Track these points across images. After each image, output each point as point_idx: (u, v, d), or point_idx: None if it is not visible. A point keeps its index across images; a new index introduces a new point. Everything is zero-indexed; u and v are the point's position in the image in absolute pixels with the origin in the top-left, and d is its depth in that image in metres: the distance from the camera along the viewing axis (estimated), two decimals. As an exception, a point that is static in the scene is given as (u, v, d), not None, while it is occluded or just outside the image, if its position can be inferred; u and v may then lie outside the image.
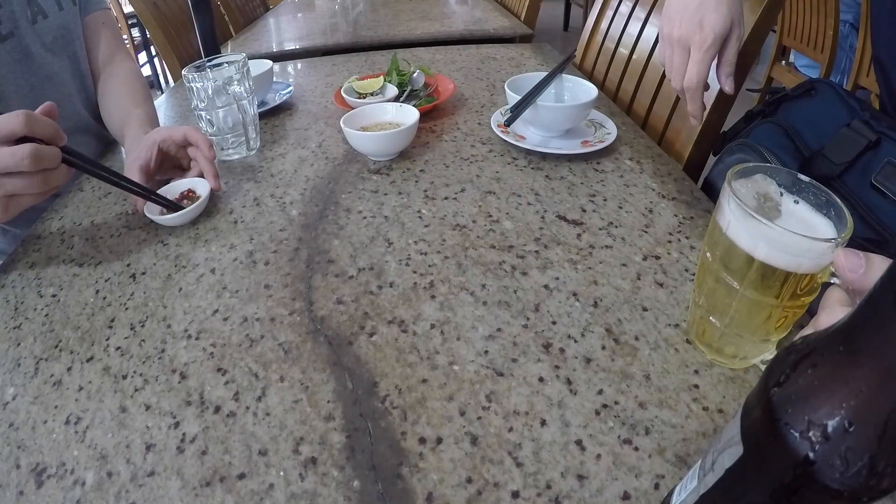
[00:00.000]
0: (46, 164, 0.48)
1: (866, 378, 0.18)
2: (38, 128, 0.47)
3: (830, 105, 0.60)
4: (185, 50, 1.40)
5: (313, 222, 0.61)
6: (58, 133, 0.49)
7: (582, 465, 0.35)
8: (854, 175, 0.53)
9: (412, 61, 1.02)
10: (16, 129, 0.46)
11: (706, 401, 0.38)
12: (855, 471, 0.18)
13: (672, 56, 0.58)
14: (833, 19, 1.91)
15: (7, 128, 0.46)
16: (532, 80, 0.76)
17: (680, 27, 0.56)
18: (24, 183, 0.48)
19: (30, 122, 0.47)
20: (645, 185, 0.64)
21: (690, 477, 0.28)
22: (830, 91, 0.61)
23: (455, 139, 0.77)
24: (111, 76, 0.84)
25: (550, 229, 0.57)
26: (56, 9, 0.77)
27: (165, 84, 3.41)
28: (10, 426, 0.41)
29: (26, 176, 0.48)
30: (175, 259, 0.57)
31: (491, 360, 0.43)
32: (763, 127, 0.65)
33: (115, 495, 0.36)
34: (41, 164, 0.47)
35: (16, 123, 0.46)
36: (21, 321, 0.51)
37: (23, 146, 0.46)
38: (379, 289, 0.51)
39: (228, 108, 0.71)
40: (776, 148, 0.62)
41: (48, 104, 0.51)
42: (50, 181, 0.49)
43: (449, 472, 0.35)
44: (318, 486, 0.35)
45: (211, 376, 0.43)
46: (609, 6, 1.08)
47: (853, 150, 0.53)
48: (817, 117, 0.60)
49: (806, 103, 0.63)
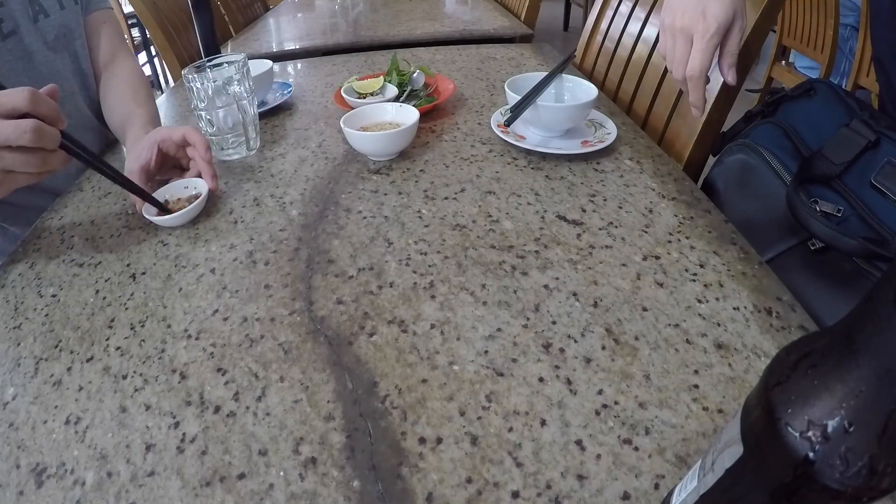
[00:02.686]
0: (46, 143, 0.48)
1: (866, 378, 0.18)
2: (42, 107, 0.48)
3: (830, 105, 0.60)
4: (185, 50, 1.40)
5: (313, 222, 0.61)
6: (60, 115, 0.49)
7: (582, 465, 0.35)
8: (854, 175, 0.53)
9: (412, 61, 1.02)
10: (19, 105, 0.46)
11: (706, 401, 0.39)
12: (855, 471, 0.18)
13: (674, 46, 0.58)
14: (833, 19, 1.91)
15: (11, 102, 0.46)
16: (532, 80, 0.76)
17: (682, 17, 0.56)
18: (22, 159, 0.48)
19: (34, 100, 0.47)
20: (645, 185, 0.64)
21: (690, 477, 0.28)
22: (830, 91, 0.61)
23: (455, 139, 0.77)
24: (113, 75, 0.84)
25: (550, 229, 0.57)
26: (57, 7, 0.77)
27: (165, 84, 3.41)
28: (10, 426, 0.41)
29: (25, 152, 0.47)
30: (175, 259, 0.57)
31: (491, 360, 0.43)
32: (762, 127, 0.65)
33: (115, 495, 0.36)
34: (42, 141, 0.47)
35: (19, 99, 0.46)
36: (21, 321, 0.51)
37: (26, 120, 0.46)
38: (379, 289, 0.51)
39: (228, 108, 0.71)
40: (776, 148, 0.62)
41: (51, 86, 0.51)
42: (47, 162, 0.49)
43: (449, 472, 0.35)
44: (318, 486, 0.35)
45: (211, 376, 0.43)
46: (609, 6, 1.08)
47: (853, 150, 0.53)
48: (817, 117, 0.60)
49: (805, 103, 0.63)
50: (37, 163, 0.48)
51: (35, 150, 0.48)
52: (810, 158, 0.57)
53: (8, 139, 0.46)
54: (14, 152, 0.47)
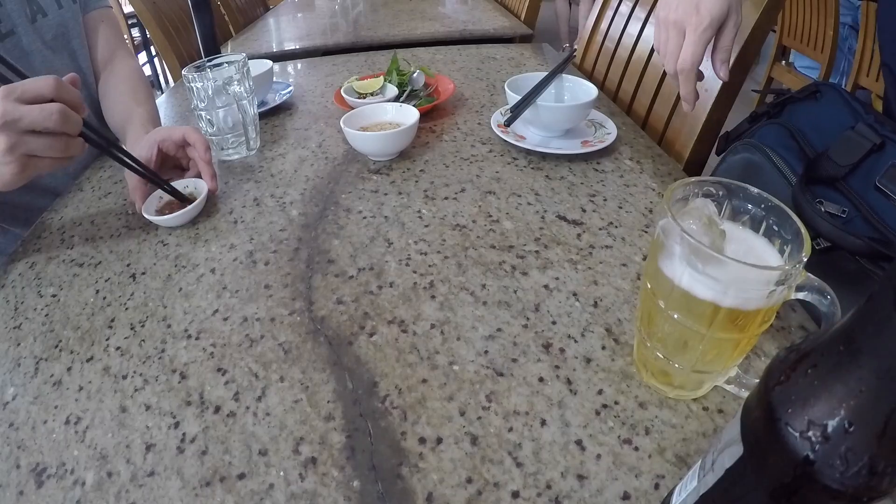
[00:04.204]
0: (70, 128, 0.49)
1: (866, 378, 0.18)
2: (66, 94, 0.49)
3: (835, 108, 0.60)
4: (185, 50, 1.40)
5: (313, 222, 0.61)
6: (81, 103, 0.51)
7: (582, 465, 0.35)
8: (858, 177, 0.53)
9: (412, 61, 1.02)
10: (44, 92, 0.48)
11: (706, 401, 0.38)
12: (855, 471, 0.18)
13: (667, 39, 0.57)
14: (833, 19, 1.91)
15: (36, 89, 0.48)
16: (532, 80, 0.76)
17: (676, 10, 0.55)
18: (46, 143, 0.49)
19: (59, 87, 0.48)
20: (645, 185, 0.64)
21: (690, 477, 0.28)
22: (835, 94, 0.61)
23: (455, 139, 0.77)
24: (112, 74, 0.84)
25: (550, 229, 0.57)
26: (55, 7, 0.77)
27: (165, 84, 3.41)
28: (10, 426, 0.41)
29: (50, 137, 0.49)
30: (175, 259, 0.57)
31: (491, 360, 0.43)
32: (768, 128, 0.65)
33: (115, 495, 0.36)
34: (66, 125, 0.49)
35: (44, 86, 0.48)
36: (21, 321, 0.51)
37: (52, 104, 0.48)
38: (379, 289, 0.51)
39: (228, 108, 0.71)
40: (781, 148, 0.62)
41: (72, 75, 0.52)
42: (69, 147, 0.50)
43: (449, 472, 0.35)
44: (318, 486, 0.35)
45: (211, 376, 0.43)
46: (609, 6, 1.08)
47: (858, 153, 0.53)
48: (822, 120, 0.61)
49: (811, 105, 0.63)
50: (60, 147, 0.50)
51: (59, 135, 0.49)
52: (815, 159, 0.57)
53: (34, 122, 0.47)
54: (40, 137, 0.48)
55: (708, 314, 0.32)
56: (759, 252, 0.33)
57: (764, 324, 0.32)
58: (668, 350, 0.36)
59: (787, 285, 0.30)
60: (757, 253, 0.33)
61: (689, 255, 0.31)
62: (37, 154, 0.49)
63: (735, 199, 0.34)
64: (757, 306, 0.31)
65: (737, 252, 0.31)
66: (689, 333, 0.34)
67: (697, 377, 0.37)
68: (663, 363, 0.37)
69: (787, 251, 0.32)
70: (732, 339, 0.33)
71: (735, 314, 0.31)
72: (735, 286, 0.30)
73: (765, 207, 0.33)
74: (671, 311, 0.34)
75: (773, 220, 0.33)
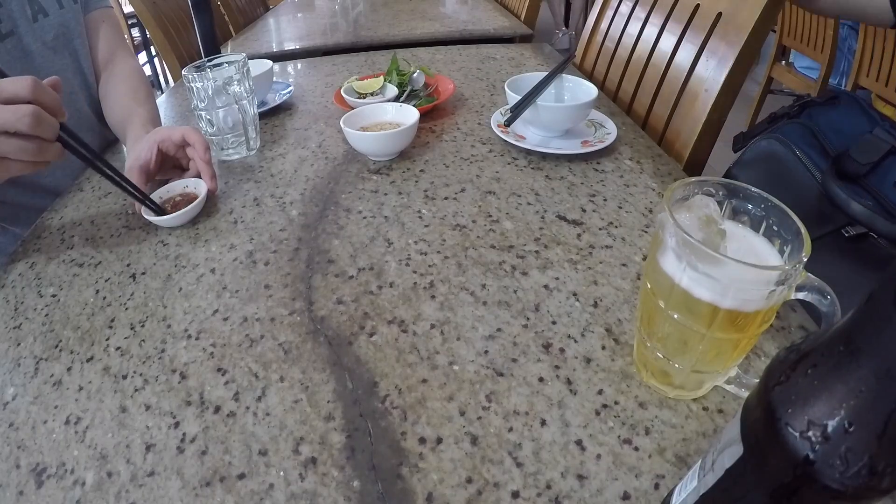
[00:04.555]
0: (43, 132, 0.47)
1: (866, 378, 0.18)
2: (43, 96, 0.47)
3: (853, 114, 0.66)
4: (185, 50, 1.40)
5: (313, 222, 0.61)
6: (60, 107, 0.49)
7: (582, 465, 0.35)
8: (878, 176, 0.58)
9: (412, 61, 1.02)
10: (20, 93, 0.46)
11: (706, 401, 0.38)
12: (855, 471, 0.18)
13: None
14: (833, 20, 1.91)
15: (13, 90, 0.46)
16: (532, 80, 0.76)
17: None
18: (18, 145, 0.47)
19: (36, 89, 0.47)
20: (645, 185, 0.64)
21: (690, 477, 0.28)
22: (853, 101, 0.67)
23: (455, 139, 0.77)
24: (113, 74, 0.84)
25: (550, 229, 0.57)
26: (56, 7, 0.77)
27: (165, 84, 3.41)
28: (10, 426, 0.41)
29: (22, 139, 0.47)
30: (175, 259, 0.57)
31: (491, 360, 0.43)
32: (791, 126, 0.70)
33: (115, 495, 0.36)
34: (39, 128, 0.47)
35: (21, 87, 0.46)
36: (21, 321, 0.51)
37: (25, 105, 0.46)
38: (379, 289, 0.51)
39: (228, 108, 0.71)
40: (804, 145, 0.67)
41: (54, 78, 0.50)
42: (43, 152, 0.49)
43: (449, 472, 0.35)
44: (318, 486, 0.35)
45: (211, 376, 0.43)
46: (609, 6, 1.08)
47: (877, 154, 0.57)
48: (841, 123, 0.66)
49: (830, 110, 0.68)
50: (33, 151, 0.48)
51: (32, 138, 0.47)
52: (838, 158, 0.61)
53: (6, 123, 0.46)
54: (12, 138, 0.47)
55: (708, 314, 0.32)
56: (759, 252, 0.33)
57: (764, 324, 0.32)
58: (668, 350, 0.36)
59: (787, 285, 0.30)
60: (757, 253, 0.33)
61: (689, 256, 0.31)
62: (8, 157, 0.48)
63: (735, 199, 0.34)
64: (757, 306, 0.31)
65: (737, 252, 0.31)
66: (688, 333, 0.34)
67: (697, 377, 0.37)
68: (663, 363, 0.37)
69: (787, 251, 0.32)
70: (732, 339, 0.33)
71: (735, 314, 0.31)
72: (735, 286, 0.30)
73: (765, 207, 0.33)
74: (671, 311, 0.34)
75: (773, 220, 0.33)
